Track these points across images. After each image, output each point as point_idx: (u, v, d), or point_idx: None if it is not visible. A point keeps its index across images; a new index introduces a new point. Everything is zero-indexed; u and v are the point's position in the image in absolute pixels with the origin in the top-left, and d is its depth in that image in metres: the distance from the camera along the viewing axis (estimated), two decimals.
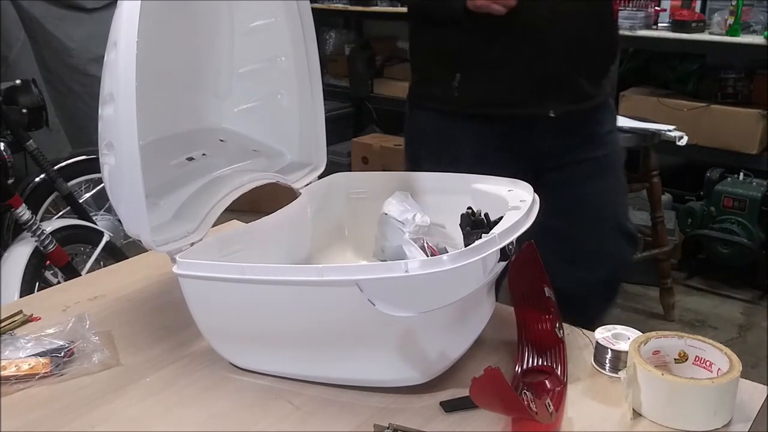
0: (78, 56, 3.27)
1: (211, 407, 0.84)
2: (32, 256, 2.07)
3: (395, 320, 0.78)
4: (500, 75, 1.36)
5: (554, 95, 1.38)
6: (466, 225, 0.94)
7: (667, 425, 0.78)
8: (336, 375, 0.86)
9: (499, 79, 1.37)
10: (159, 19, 0.91)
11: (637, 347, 0.81)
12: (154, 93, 0.96)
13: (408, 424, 0.79)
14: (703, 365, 0.82)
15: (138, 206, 0.84)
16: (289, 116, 1.17)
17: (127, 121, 0.80)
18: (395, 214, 1.04)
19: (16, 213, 2.02)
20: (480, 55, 1.37)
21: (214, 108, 1.17)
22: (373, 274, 0.76)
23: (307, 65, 1.12)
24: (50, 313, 1.05)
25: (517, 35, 1.31)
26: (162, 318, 1.04)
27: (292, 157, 1.19)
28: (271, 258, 1.02)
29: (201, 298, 0.89)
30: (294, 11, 1.09)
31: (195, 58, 1.12)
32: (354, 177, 1.19)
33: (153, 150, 0.99)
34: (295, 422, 0.81)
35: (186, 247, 0.92)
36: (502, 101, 1.38)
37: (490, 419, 0.79)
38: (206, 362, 0.93)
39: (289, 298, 0.82)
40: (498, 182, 1.01)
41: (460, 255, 0.75)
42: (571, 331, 0.97)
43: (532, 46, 1.33)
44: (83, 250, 2.36)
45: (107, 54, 0.84)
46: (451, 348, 0.86)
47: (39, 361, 0.90)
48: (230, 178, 1.07)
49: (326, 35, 4.59)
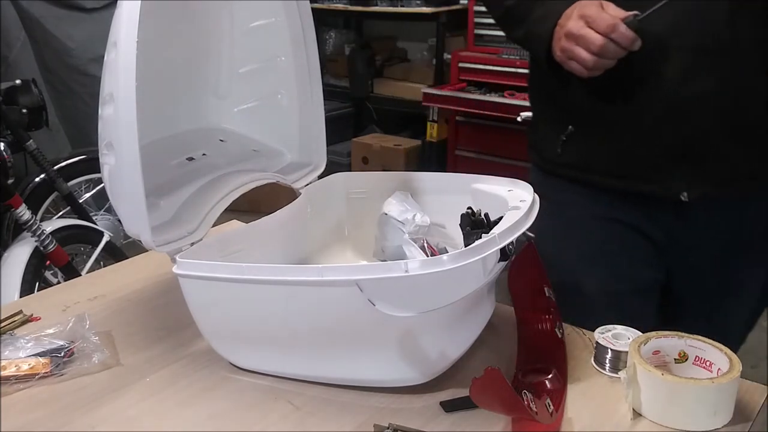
0: (78, 56, 3.27)
1: (211, 407, 0.84)
2: (32, 256, 2.07)
3: (395, 320, 0.78)
4: (617, 137, 1.08)
5: (689, 171, 1.05)
6: (466, 225, 0.94)
7: (667, 425, 0.78)
8: (336, 375, 0.86)
9: (615, 141, 1.08)
10: (159, 19, 0.91)
11: (637, 347, 0.81)
12: (154, 93, 0.96)
13: (408, 424, 0.79)
14: (703, 365, 0.82)
15: (138, 206, 0.84)
16: (289, 116, 1.16)
17: (127, 121, 0.80)
18: (395, 214, 1.04)
19: (16, 213, 2.02)
20: (594, 108, 1.09)
21: (214, 108, 1.17)
22: (373, 274, 0.76)
23: (307, 65, 1.12)
24: (50, 313, 1.05)
25: (643, 90, 1.04)
26: (162, 318, 1.04)
27: (292, 157, 1.19)
28: (271, 258, 1.02)
29: (201, 298, 0.89)
30: (294, 11, 1.09)
31: (195, 58, 1.12)
32: (354, 177, 1.19)
33: (153, 150, 0.99)
34: (295, 422, 0.81)
35: (186, 247, 0.92)
36: (614, 171, 1.10)
37: (490, 419, 0.79)
38: (206, 362, 0.93)
39: (289, 298, 0.82)
40: (498, 182, 1.01)
41: (460, 255, 0.75)
42: (571, 331, 0.97)
43: (660, 105, 1.03)
44: (83, 250, 2.37)
45: (107, 54, 0.83)
46: (451, 348, 0.86)
47: (39, 361, 0.90)
48: (230, 178, 1.06)
49: (326, 35, 4.60)
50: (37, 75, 3.06)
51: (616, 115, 1.08)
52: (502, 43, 3.70)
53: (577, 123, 1.12)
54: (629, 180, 1.09)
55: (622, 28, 0.95)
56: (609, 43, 0.96)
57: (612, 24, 0.95)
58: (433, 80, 4.03)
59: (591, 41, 0.96)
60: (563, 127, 1.13)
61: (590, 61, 0.98)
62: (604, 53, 0.97)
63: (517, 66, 3.55)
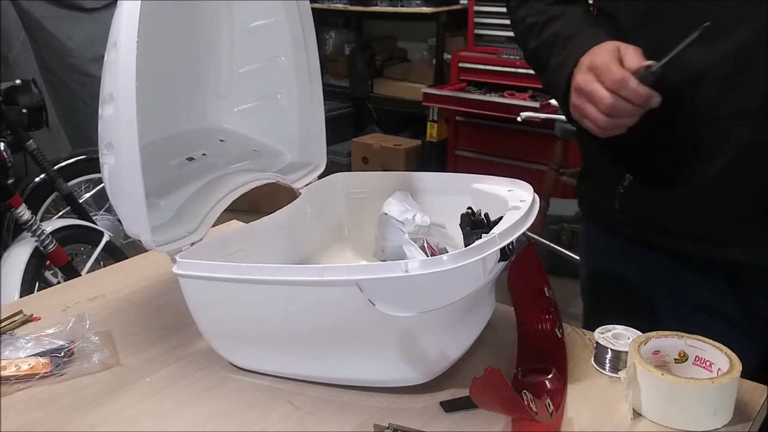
0: (78, 56, 3.28)
1: (211, 407, 0.84)
2: (32, 256, 2.07)
3: (395, 320, 0.78)
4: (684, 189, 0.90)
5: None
6: (466, 225, 0.94)
7: (667, 425, 0.78)
8: (336, 375, 0.86)
9: (681, 195, 0.91)
10: (159, 19, 0.91)
11: (637, 347, 0.81)
12: (154, 93, 0.96)
13: (408, 424, 0.79)
14: (703, 365, 0.82)
15: (138, 206, 0.84)
16: (289, 116, 1.16)
17: (127, 121, 0.80)
18: (395, 214, 1.04)
19: (16, 213, 2.02)
20: (655, 153, 0.92)
21: (214, 108, 1.17)
22: (373, 274, 0.76)
23: (307, 65, 1.12)
24: (50, 313, 1.05)
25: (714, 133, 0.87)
26: (162, 318, 1.04)
27: (292, 157, 1.19)
28: (271, 258, 1.02)
29: (201, 298, 0.89)
30: (294, 11, 1.09)
31: (195, 58, 1.12)
32: (354, 177, 1.19)
33: (153, 150, 0.99)
34: (295, 422, 0.81)
35: (186, 247, 0.92)
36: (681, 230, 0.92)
37: (490, 419, 0.79)
38: (206, 362, 0.93)
39: (289, 298, 0.82)
40: (498, 182, 1.01)
41: (460, 255, 0.75)
42: (571, 331, 0.97)
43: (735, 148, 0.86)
44: (83, 250, 2.37)
45: (107, 54, 0.83)
46: (451, 348, 0.86)
47: (39, 361, 0.90)
48: (230, 178, 1.06)
49: (326, 35, 4.60)
50: (37, 75, 3.06)
51: (682, 162, 0.90)
52: (502, 43, 3.71)
53: (637, 172, 0.94)
54: (704, 243, 0.90)
55: (632, 83, 0.80)
56: (619, 100, 0.81)
57: (619, 79, 0.80)
58: (433, 80, 4.04)
59: (599, 99, 0.82)
60: (620, 176, 0.96)
61: (602, 121, 0.83)
62: (616, 113, 0.82)
63: (517, 66, 3.55)
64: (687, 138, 0.89)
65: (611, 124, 0.84)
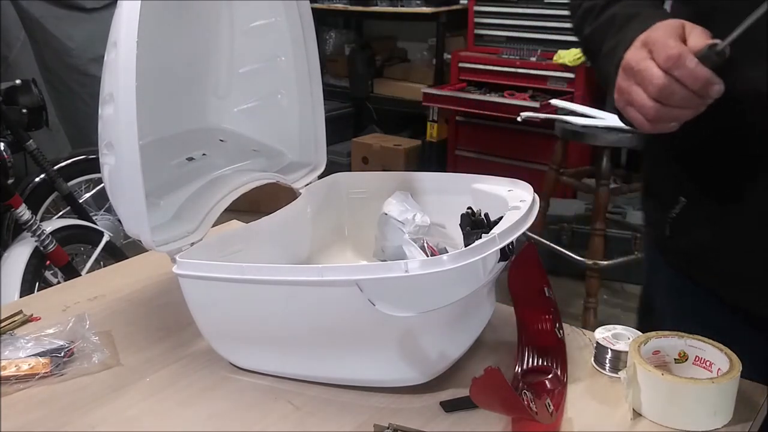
0: (78, 56, 3.28)
1: (211, 407, 0.84)
2: (32, 256, 2.07)
3: (395, 320, 0.78)
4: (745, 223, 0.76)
5: None
6: (466, 225, 0.94)
7: (667, 425, 0.78)
8: (336, 375, 0.86)
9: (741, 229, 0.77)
10: (159, 19, 0.91)
11: (637, 347, 0.81)
12: (154, 93, 0.96)
13: (408, 424, 0.79)
14: (703, 365, 0.82)
15: (138, 206, 0.84)
16: (289, 116, 1.17)
17: (127, 121, 0.80)
18: (395, 214, 1.04)
19: (16, 213, 2.02)
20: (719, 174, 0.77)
21: (214, 108, 1.17)
22: (373, 274, 0.76)
23: (307, 65, 1.12)
24: (50, 313, 1.05)
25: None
26: (162, 318, 1.04)
27: (292, 157, 1.19)
28: (271, 258, 1.02)
29: (201, 298, 0.89)
30: (294, 11, 1.09)
31: (195, 58, 1.12)
32: (354, 177, 1.19)
33: (153, 150, 0.99)
34: (295, 422, 0.81)
35: (186, 247, 0.92)
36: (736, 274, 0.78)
37: (490, 419, 0.79)
38: (206, 362, 0.93)
39: (289, 298, 0.82)
40: (498, 182, 1.01)
41: (460, 255, 0.75)
42: (571, 331, 0.97)
43: None
44: (83, 250, 2.37)
45: (107, 54, 0.84)
46: (451, 348, 0.86)
47: (39, 361, 0.90)
48: (230, 178, 1.07)
49: (326, 35, 4.61)
50: (37, 75, 3.06)
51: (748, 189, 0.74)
52: (502, 43, 3.71)
53: (692, 196, 0.79)
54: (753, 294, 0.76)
55: (690, 62, 0.64)
56: (673, 82, 0.65)
57: (675, 55, 0.64)
58: (433, 80, 4.04)
59: (649, 79, 0.67)
60: (673, 198, 0.82)
61: (650, 108, 0.67)
62: (667, 99, 0.67)
63: (517, 66, 3.55)
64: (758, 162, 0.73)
65: (660, 113, 0.68)
